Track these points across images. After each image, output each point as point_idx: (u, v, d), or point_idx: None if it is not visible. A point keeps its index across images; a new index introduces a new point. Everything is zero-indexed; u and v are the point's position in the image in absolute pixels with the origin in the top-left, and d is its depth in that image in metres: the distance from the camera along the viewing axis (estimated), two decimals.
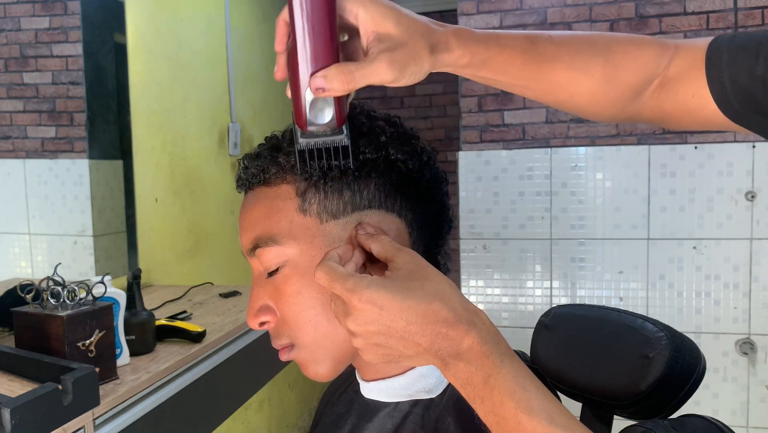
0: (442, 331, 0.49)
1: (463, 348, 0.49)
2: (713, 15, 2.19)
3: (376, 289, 0.50)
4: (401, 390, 0.62)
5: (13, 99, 1.59)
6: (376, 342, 0.51)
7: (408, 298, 0.50)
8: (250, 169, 0.61)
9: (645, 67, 0.63)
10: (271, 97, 2.94)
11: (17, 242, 1.61)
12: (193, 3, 2.26)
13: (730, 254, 2.22)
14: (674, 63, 0.63)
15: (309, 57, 0.51)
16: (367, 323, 0.50)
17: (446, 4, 3.53)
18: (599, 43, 0.63)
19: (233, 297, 1.75)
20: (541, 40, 0.61)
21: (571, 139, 2.34)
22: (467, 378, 0.49)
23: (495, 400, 0.47)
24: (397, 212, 0.60)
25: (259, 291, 0.62)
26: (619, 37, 0.65)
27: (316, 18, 0.50)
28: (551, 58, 0.61)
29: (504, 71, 0.60)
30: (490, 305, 2.44)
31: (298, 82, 0.53)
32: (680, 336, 0.78)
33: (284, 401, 3.00)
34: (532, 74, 0.61)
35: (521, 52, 0.59)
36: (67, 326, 0.98)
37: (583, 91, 0.63)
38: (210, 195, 2.32)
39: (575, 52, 0.62)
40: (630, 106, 0.65)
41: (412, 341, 0.50)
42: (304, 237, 0.58)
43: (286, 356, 0.62)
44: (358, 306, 0.50)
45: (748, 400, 2.24)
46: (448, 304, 0.50)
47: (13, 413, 0.80)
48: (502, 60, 0.59)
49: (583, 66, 0.62)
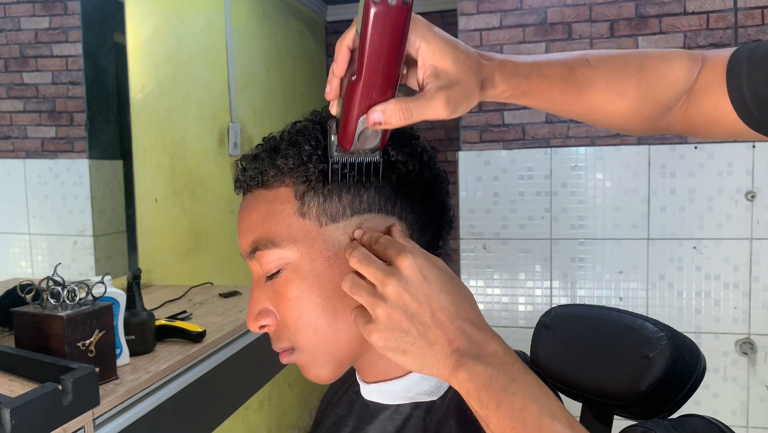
0: (467, 330, 0.51)
1: (487, 352, 0.50)
2: (713, 15, 2.19)
3: (425, 259, 0.52)
4: (402, 393, 0.62)
5: (13, 99, 1.59)
6: (400, 318, 0.51)
7: (449, 283, 0.52)
8: (248, 171, 0.61)
9: (676, 83, 0.65)
10: (271, 97, 2.94)
11: (17, 242, 1.61)
12: (193, 3, 2.26)
13: (730, 254, 2.22)
14: (701, 75, 0.65)
15: (371, 87, 0.51)
16: (406, 290, 0.51)
17: (446, 4, 3.53)
18: (632, 63, 0.65)
19: (233, 297, 1.75)
20: (579, 65, 0.63)
21: (571, 139, 2.34)
22: (486, 381, 0.48)
23: (516, 404, 0.47)
24: (398, 215, 0.60)
25: (258, 294, 0.61)
26: (651, 54, 0.67)
27: (388, 51, 0.50)
28: (588, 84, 0.63)
29: (544, 99, 0.63)
30: (490, 305, 2.44)
31: (354, 108, 0.53)
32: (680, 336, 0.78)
33: (284, 401, 3.00)
34: (570, 99, 0.64)
35: (560, 81, 0.62)
36: (67, 326, 0.98)
37: (618, 110, 0.66)
38: (210, 195, 2.32)
39: (610, 75, 0.64)
40: (662, 120, 0.68)
41: (436, 328, 0.50)
42: (303, 240, 0.58)
43: (287, 359, 0.61)
44: (406, 266, 0.51)
45: (748, 400, 2.24)
46: (476, 311, 0.53)
47: (13, 413, 0.80)
48: (542, 90, 0.61)
49: (618, 88, 0.64)
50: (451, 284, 0.52)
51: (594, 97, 0.64)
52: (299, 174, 0.58)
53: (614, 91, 0.64)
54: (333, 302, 0.58)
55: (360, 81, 0.51)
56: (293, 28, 3.27)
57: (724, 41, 2.19)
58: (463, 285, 0.54)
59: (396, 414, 0.62)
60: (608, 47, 2.28)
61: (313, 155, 0.57)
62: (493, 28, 2.38)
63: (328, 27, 3.78)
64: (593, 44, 2.30)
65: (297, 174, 0.58)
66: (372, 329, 0.52)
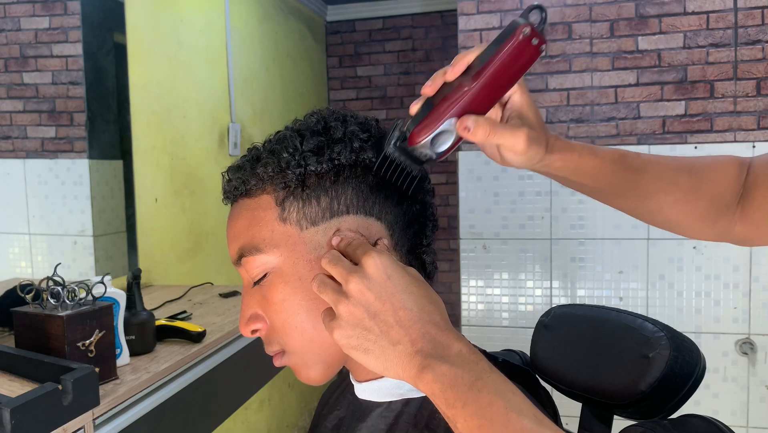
0: (430, 332, 0.51)
1: (451, 352, 0.50)
2: (713, 15, 2.19)
3: (391, 261, 0.53)
4: (392, 390, 0.63)
5: (13, 99, 1.59)
6: (362, 316, 0.51)
7: (413, 285, 0.52)
8: (233, 181, 0.63)
9: (726, 178, 0.69)
10: (271, 97, 2.94)
11: (17, 242, 1.61)
12: (193, 3, 2.26)
13: (730, 254, 2.22)
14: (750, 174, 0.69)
15: (476, 98, 0.56)
16: (368, 288, 0.51)
17: (446, 4, 3.53)
18: (681, 160, 0.71)
19: (233, 297, 1.75)
20: (630, 154, 0.69)
21: (571, 139, 2.34)
22: (451, 381, 0.48)
23: (482, 401, 0.47)
24: (376, 215, 0.60)
25: (248, 300, 0.63)
26: (699, 156, 0.73)
27: (507, 77, 0.56)
28: (639, 169, 0.68)
29: (595, 177, 0.67)
30: (490, 305, 2.44)
31: (450, 108, 0.56)
32: (680, 336, 0.78)
33: (284, 401, 3.00)
34: (622, 182, 0.68)
35: (611, 162, 0.67)
36: (67, 326, 0.98)
37: (672, 201, 0.70)
38: (210, 195, 2.32)
39: (661, 165, 0.70)
40: (720, 220, 0.71)
41: (398, 328, 0.50)
42: (285, 245, 0.59)
43: (279, 361, 0.63)
44: (370, 264, 0.52)
45: (747, 400, 2.24)
46: (441, 314, 0.52)
47: (13, 413, 0.80)
48: (593, 166, 0.66)
49: (669, 178, 0.69)
50: (416, 286, 0.52)
51: (647, 184, 0.69)
52: (278, 181, 0.59)
53: (665, 179, 0.69)
54: (317, 304, 0.58)
55: (472, 89, 0.55)
56: (293, 28, 3.27)
57: (724, 41, 2.19)
58: (429, 289, 0.54)
59: (387, 411, 0.63)
60: (608, 47, 2.28)
61: (291, 161, 0.59)
62: (493, 28, 2.38)
63: (328, 27, 3.78)
64: (593, 44, 2.30)
65: (276, 181, 0.60)
66: (334, 325, 0.53)
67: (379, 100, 3.81)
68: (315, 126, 0.61)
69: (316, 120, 0.62)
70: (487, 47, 0.56)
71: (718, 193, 0.69)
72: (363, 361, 0.52)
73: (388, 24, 3.72)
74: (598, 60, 2.30)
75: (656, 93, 2.26)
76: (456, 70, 0.57)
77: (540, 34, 0.54)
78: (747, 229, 0.70)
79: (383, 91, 3.78)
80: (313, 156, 0.59)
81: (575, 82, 2.32)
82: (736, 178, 0.69)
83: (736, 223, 0.71)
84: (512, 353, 0.90)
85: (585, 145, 0.67)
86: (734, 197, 0.69)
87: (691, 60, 2.22)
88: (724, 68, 2.19)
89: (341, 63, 3.80)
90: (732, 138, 2.20)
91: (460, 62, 0.57)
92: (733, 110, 2.19)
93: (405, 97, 3.82)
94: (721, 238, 0.73)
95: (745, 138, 2.18)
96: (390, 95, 3.83)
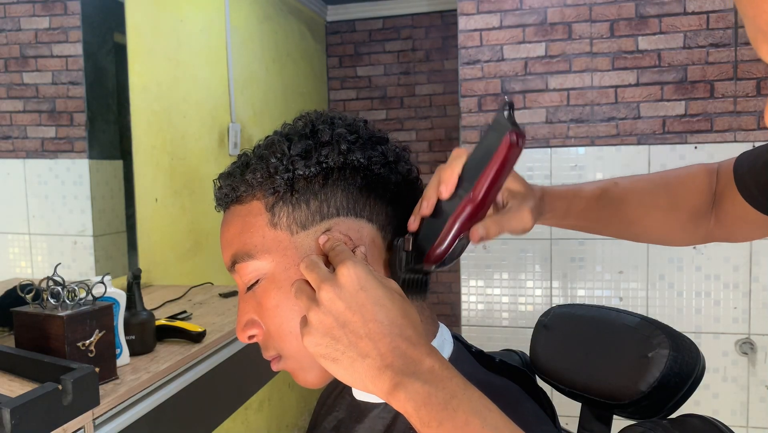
0: (400, 347, 0.49)
1: (423, 368, 0.48)
2: (713, 15, 2.19)
3: (367, 271, 0.51)
4: None
5: (13, 99, 1.59)
6: (331, 324, 0.50)
7: (387, 298, 0.51)
8: (223, 188, 0.64)
9: (700, 189, 0.75)
10: (271, 97, 2.94)
11: (17, 242, 1.61)
12: (193, 3, 2.26)
13: (730, 254, 2.22)
14: (718, 183, 0.75)
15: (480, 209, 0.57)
16: (339, 297, 0.50)
17: (446, 4, 3.53)
18: (657, 180, 0.78)
19: (233, 297, 1.75)
20: (609, 187, 0.75)
21: (571, 139, 2.34)
22: (425, 399, 0.46)
23: (458, 420, 0.46)
24: (367, 217, 0.60)
25: (244, 306, 0.63)
26: (672, 170, 0.79)
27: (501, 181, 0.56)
28: (621, 200, 0.75)
29: (584, 217, 0.73)
30: (490, 305, 2.44)
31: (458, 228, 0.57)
32: (679, 336, 0.78)
33: (284, 401, 3.00)
34: (609, 215, 0.74)
35: (596, 200, 0.73)
36: (67, 326, 0.98)
37: (655, 221, 0.76)
38: (210, 195, 2.30)
39: (639, 190, 0.76)
40: (700, 227, 0.76)
41: (367, 340, 0.49)
42: (276, 250, 0.59)
43: (276, 366, 0.63)
44: (343, 273, 0.51)
45: (747, 400, 2.24)
46: (414, 328, 0.51)
47: (13, 413, 0.80)
48: (581, 209, 0.72)
49: (649, 201, 0.75)
50: (390, 299, 0.51)
51: (630, 211, 0.75)
52: (267, 186, 0.59)
53: (648, 204, 0.75)
54: None
55: (473, 201, 0.56)
56: (293, 28, 3.27)
57: (724, 41, 2.19)
58: (406, 302, 0.52)
59: (384, 412, 0.63)
60: (608, 47, 2.28)
61: (279, 166, 0.59)
62: (493, 28, 2.38)
63: (328, 27, 3.78)
64: (593, 44, 2.30)
65: (265, 186, 0.60)
66: (305, 332, 0.52)
67: (379, 100, 3.81)
68: (302, 130, 0.61)
69: (304, 124, 0.62)
70: (473, 153, 0.56)
71: (695, 204, 0.75)
72: (332, 370, 0.51)
73: (388, 24, 3.72)
74: (598, 60, 2.30)
75: (656, 93, 2.26)
76: (450, 188, 0.56)
77: (521, 132, 0.54)
78: (724, 232, 0.76)
79: (383, 91, 3.78)
80: (301, 160, 0.58)
81: (575, 82, 2.32)
82: (708, 188, 0.74)
83: (714, 227, 0.76)
84: (512, 353, 0.90)
85: (567, 190, 0.72)
86: (708, 205, 0.75)
87: (691, 60, 2.22)
88: (724, 68, 2.19)
89: (341, 63, 3.80)
90: (732, 138, 2.20)
91: (450, 178, 0.56)
92: (733, 110, 2.19)
93: (405, 97, 3.82)
94: (705, 241, 0.79)
95: (745, 138, 2.18)
96: (390, 95, 3.83)
